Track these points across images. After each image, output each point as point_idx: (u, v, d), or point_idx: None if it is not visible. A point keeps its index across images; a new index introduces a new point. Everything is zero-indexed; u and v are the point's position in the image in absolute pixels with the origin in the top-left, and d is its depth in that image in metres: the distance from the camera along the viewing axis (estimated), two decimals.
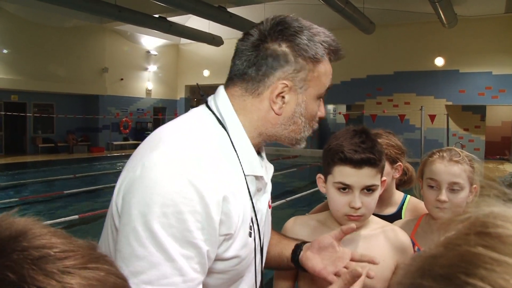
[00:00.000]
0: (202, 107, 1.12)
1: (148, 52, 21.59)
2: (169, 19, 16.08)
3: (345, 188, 1.28)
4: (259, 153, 1.18)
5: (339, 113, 17.66)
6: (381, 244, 1.36)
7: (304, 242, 1.26)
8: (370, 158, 1.25)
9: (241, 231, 1.02)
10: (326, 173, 1.34)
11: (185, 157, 0.94)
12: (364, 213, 1.29)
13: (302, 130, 1.13)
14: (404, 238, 1.40)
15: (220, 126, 1.06)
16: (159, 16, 15.63)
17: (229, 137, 1.06)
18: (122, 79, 20.41)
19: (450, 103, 16.91)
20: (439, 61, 16.79)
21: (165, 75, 22.62)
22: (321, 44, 1.08)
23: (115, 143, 20.20)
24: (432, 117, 11.69)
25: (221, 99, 1.10)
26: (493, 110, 18.19)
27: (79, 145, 19.30)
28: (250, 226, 1.06)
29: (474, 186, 1.55)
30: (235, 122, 1.07)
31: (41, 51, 17.07)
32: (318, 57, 1.07)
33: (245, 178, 1.06)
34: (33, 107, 18.16)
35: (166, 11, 15.13)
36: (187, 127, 1.06)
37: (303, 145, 1.17)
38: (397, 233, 1.41)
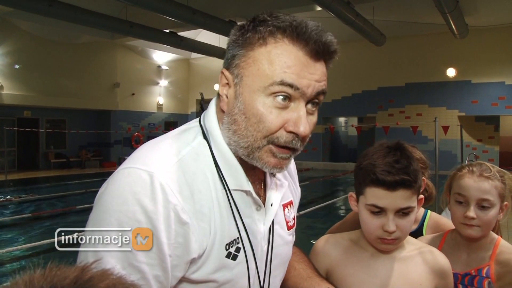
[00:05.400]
0: (195, 120, 1.04)
1: (159, 67, 21.80)
2: (180, 34, 16.24)
3: (378, 211, 1.20)
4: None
5: (352, 125, 17.55)
6: (419, 267, 1.27)
7: None
8: (405, 180, 1.14)
9: (214, 252, 0.92)
10: (358, 193, 1.26)
11: (139, 176, 0.87)
12: (399, 236, 1.21)
13: (246, 135, 0.91)
14: (443, 261, 1.30)
15: (204, 139, 0.97)
16: (170, 31, 15.80)
17: (211, 150, 0.96)
18: (133, 94, 20.58)
19: (463, 114, 16.78)
20: (451, 72, 16.70)
21: (176, 90, 22.76)
22: (264, 25, 0.90)
23: (126, 157, 20.23)
24: (445, 129, 11.56)
25: (208, 108, 1.02)
26: (507, 120, 18.01)
27: (91, 160, 19.47)
28: (238, 247, 0.95)
29: (505, 203, 1.48)
30: (215, 132, 0.97)
31: (53, 67, 17.29)
32: (253, 40, 0.90)
33: (230, 194, 0.95)
34: (46, 122, 18.38)
35: (176, 26, 15.27)
36: (157, 145, 0.96)
37: (259, 163, 0.93)
38: (436, 255, 1.31)
